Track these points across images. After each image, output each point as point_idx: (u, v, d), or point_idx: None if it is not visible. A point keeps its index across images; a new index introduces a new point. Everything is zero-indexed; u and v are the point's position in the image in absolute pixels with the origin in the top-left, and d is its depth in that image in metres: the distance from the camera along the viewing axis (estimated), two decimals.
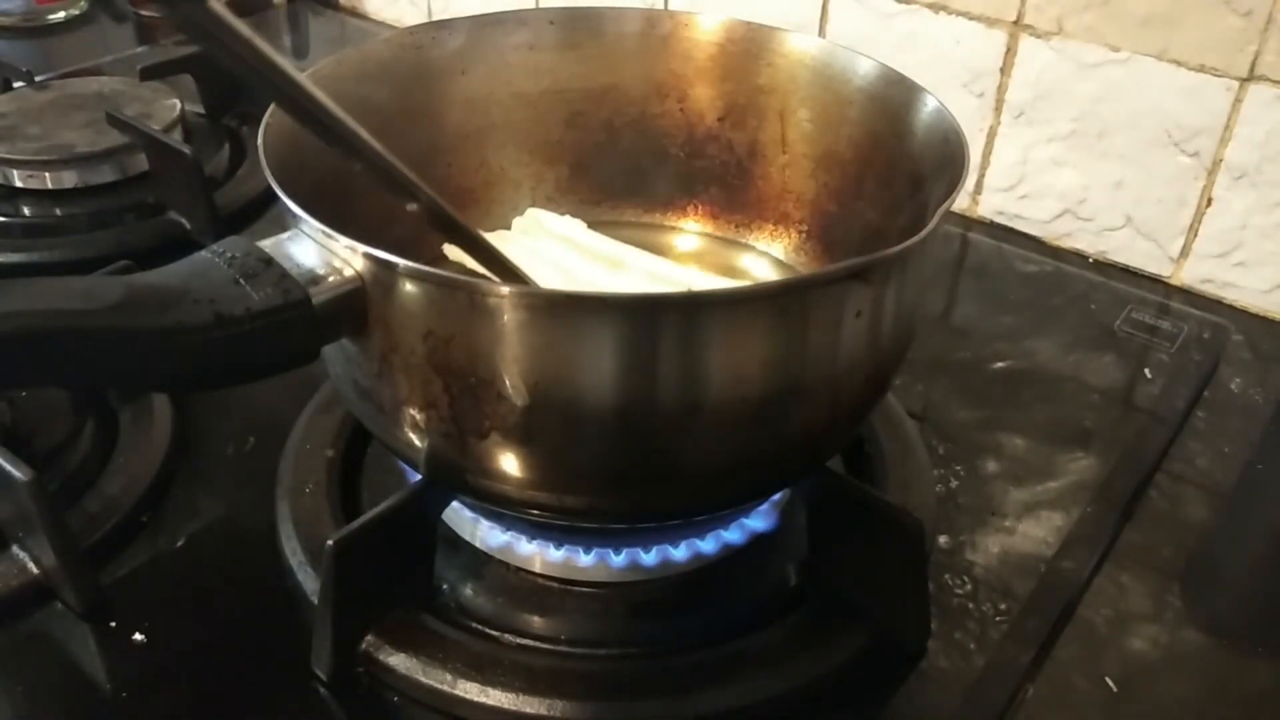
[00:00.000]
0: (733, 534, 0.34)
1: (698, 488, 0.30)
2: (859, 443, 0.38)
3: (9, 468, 0.31)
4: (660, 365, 0.26)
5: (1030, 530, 0.36)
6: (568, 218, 0.40)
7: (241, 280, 0.26)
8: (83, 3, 0.77)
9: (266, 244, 0.28)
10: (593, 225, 0.42)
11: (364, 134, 0.28)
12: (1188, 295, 0.50)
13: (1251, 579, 0.37)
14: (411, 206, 0.30)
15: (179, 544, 0.35)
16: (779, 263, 0.42)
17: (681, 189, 0.43)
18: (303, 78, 0.26)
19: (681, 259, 0.42)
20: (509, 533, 0.34)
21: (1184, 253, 0.50)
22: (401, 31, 0.39)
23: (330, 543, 0.29)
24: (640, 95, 0.42)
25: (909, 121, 0.35)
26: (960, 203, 0.56)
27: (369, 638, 0.30)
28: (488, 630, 0.32)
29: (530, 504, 0.30)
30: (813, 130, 0.39)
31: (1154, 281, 0.51)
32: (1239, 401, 0.44)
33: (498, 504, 0.31)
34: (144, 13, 0.76)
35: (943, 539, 0.36)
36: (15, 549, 0.33)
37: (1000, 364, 0.45)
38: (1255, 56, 0.45)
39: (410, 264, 0.26)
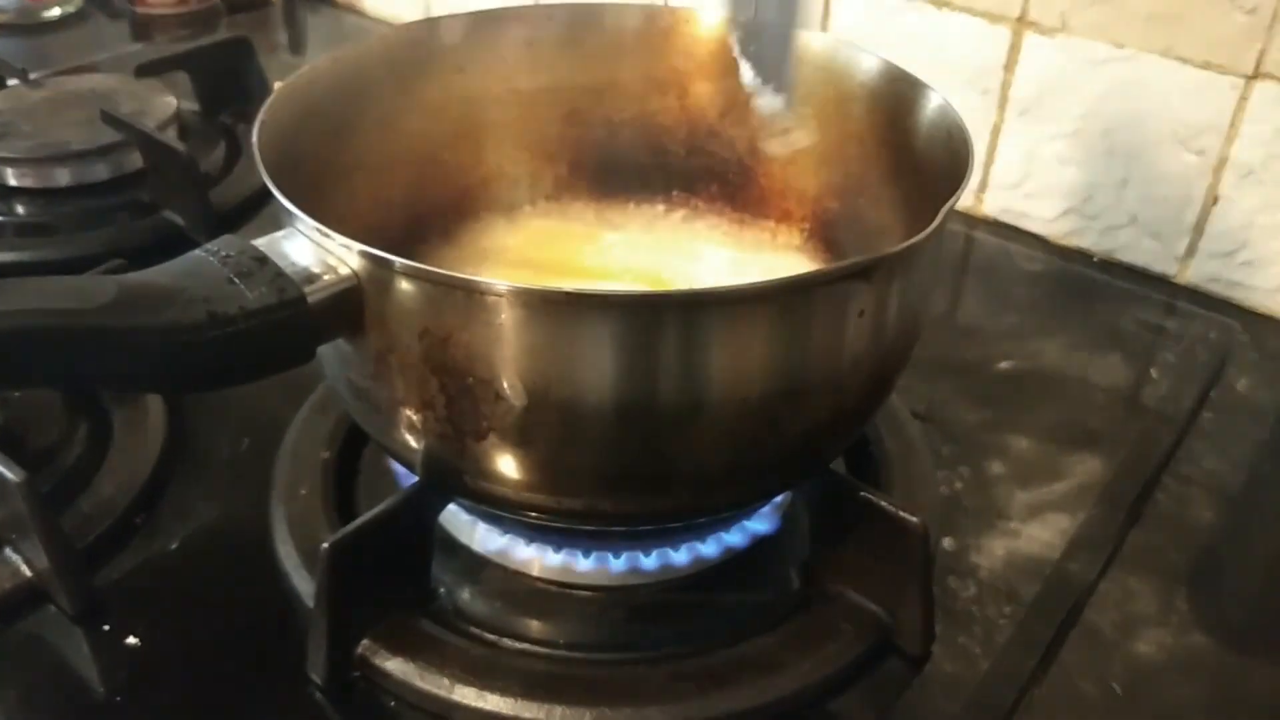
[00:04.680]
0: (734, 536, 0.34)
1: (698, 489, 0.29)
2: (862, 444, 0.38)
3: (1, 469, 0.31)
4: (660, 365, 0.26)
5: (1036, 533, 0.36)
6: None
7: (236, 279, 0.26)
8: None
9: (261, 242, 0.27)
10: (592, 223, 0.42)
11: None
12: (1194, 295, 0.50)
13: (1259, 582, 0.37)
14: None
15: (173, 546, 0.35)
16: (781, 261, 0.41)
17: (682, 186, 0.43)
18: None
19: (681, 259, 0.42)
20: (507, 536, 0.33)
21: (1190, 252, 0.50)
22: (399, 28, 0.39)
23: (325, 546, 0.29)
24: (640, 92, 0.42)
25: (913, 118, 0.34)
26: (964, 201, 0.55)
27: (365, 642, 0.30)
28: (485, 634, 0.31)
29: (529, 506, 0.30)
30: (816, 127, 0.39)
31: (1160, 281, 0.51)
32: (1246, 402, 0.43)
33: (496, 506, 0.31)
34: (140, 9, 0.76)
35: (947, 542, 0.36)
36: (8, 551, 0.33)
37: (1005, 364, 0.45)
38: (1261, 54, 0.45)
39: (406, 262, 0.26)
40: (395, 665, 0.30)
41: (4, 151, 0.52)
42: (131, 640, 0.31)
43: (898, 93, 0.35)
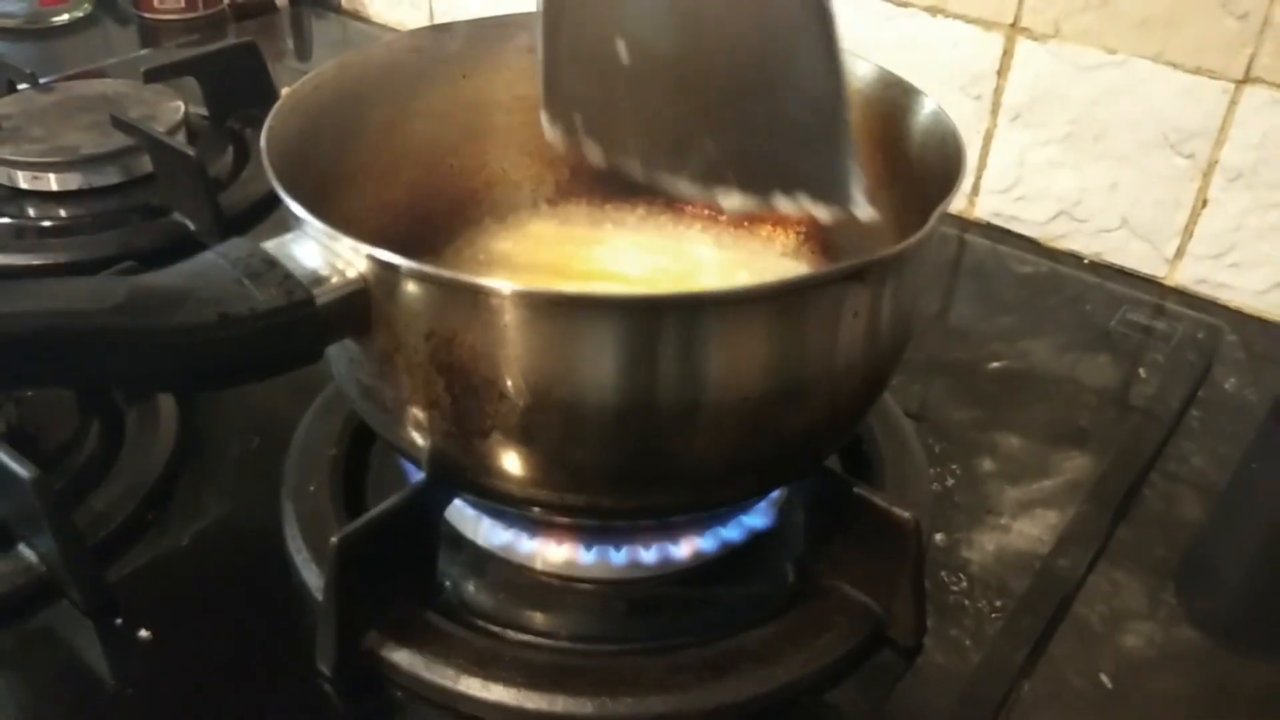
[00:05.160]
0: (732, 532, 0.34)
1: (697, 486, 0.30)
2: (856, 442, 0.39)
3: (15, 466, 0.31)
4: (660, 365, 0.26)
5: (1026, 528, 0.37)
6: None
7: (245, 281, 0.26)
8: (87, 5, 0.77)
9: (270, 245, 0.28)
10: (593, 227, 0.42)
11: None
12: (1183, 296, 0.50)
13: (1245, 577, 0.38)
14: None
15: (184, 542, 0.35)
16: (777, 264, 0.42)
17: None
18: None
19: (680, 262, 0.42)
20: (511, 530, 0.34)
21: (1179, 254, 0.51)
22: (403, 35, 0.39)
23: (334, 541, 0.29)
24: None
25: (906, 124, 0.35)
26: (957, 204, 0.56)
27: (372, 634, 0.31)
28: (490, 627, 0.32)
29: (532, 502, 0.30)
30: None
31: (1149, 282, 0.51)
32: (1233, 401, 0.44)
33: (500, 502, 0.31)
34: (148, 15, 0.76)
35: (939, 537, 0.36)
36: (22, 547, 0.34)
37: (996, 364, 0.45)
38: (1251, 59, 0.45)
39: (413, 264, 0.26)
40: (402, 657, 0.30)
41: (15, 155, 0.52)
42: (143, 634, 0.32)
43: (891, 98, 0.36)
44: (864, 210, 0.29)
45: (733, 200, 0.30)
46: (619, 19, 0.30)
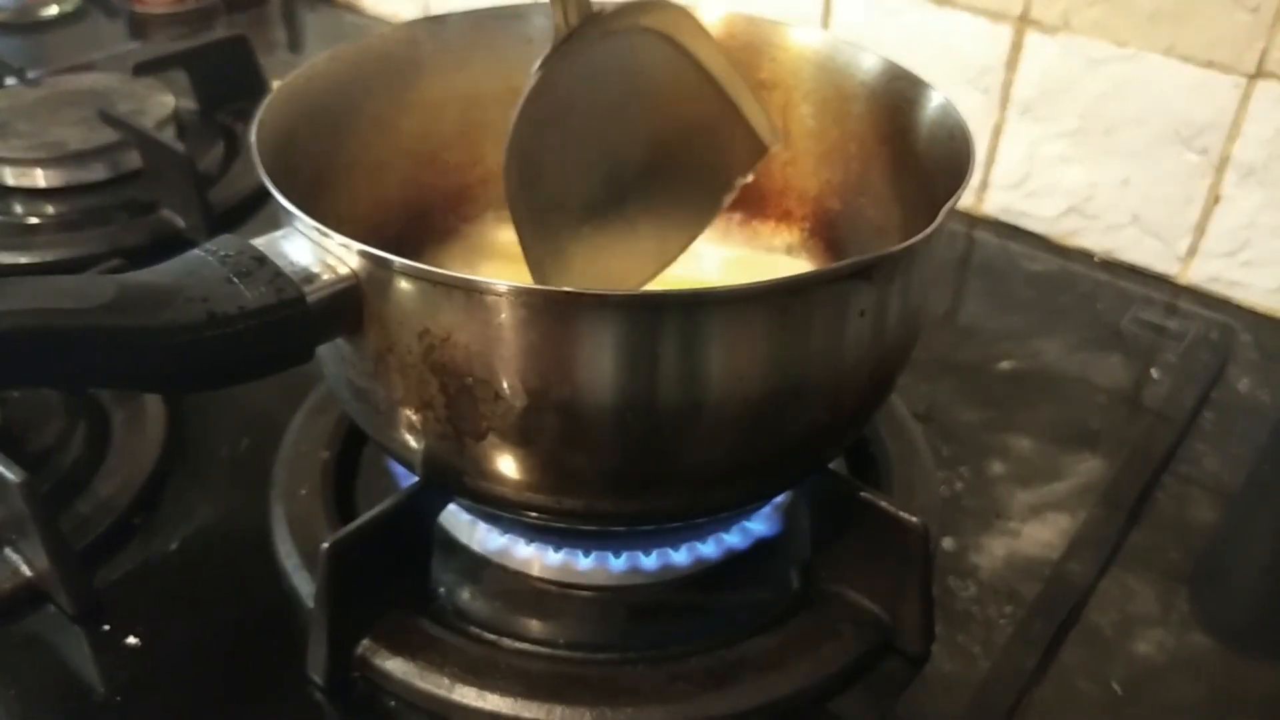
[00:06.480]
0: (734, 537, 0.34)
1: (698, 489, 0.29)
2: (862, 444, 0.38)
3: (2, 469, 0.31)
4: (660, 365, 0.26)
5: (1036, 533, 0.36)
6: None
7: (235, 279, 0.26)
8: None
9: (260, 242, 0.27)
10: None
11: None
12: (1195, 294, 0.50)
13: (1259, 582, 0.37)
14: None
15: (173, 547, 0.35)
16: (781, 261, 0.41)
17: None
18: None
19: (681, 258, 0.41)
20: (507, 535, 0.33)
21: (1191, 251, 0.50)
22: (397, 26, 0.39)
23: (325, 546, 0.29)
24: None
25: (914, 117, 0.34)
26: (965, 200, 0.55)
27: (365, 642, 0.30)
28: (485, 634, 0.31)
29: (528, 506, 0.29)
30: (816, 126, 0.39)
31: (1161, 280, 0.51)
32: (1247, 402, 0.43)
33: (495, 506, 0.31)
34: (137, 8, 0.76)
35: (947, 542, 0.36)
36: (8, 551, 0.33)
37: (1005, 364, 0.45)
38: (1263, 53, 0.45)
39: (405, 262, 0.25)
40: (395, 665, 0.30)
41: (2, 151, 0.52)
42: (131, 640, 0.31)
43: (899, 91, 0.35)
44: (774, 140, 0.35)
45: (699, 230, 0.34)
46: (573, 170, 0.33)
